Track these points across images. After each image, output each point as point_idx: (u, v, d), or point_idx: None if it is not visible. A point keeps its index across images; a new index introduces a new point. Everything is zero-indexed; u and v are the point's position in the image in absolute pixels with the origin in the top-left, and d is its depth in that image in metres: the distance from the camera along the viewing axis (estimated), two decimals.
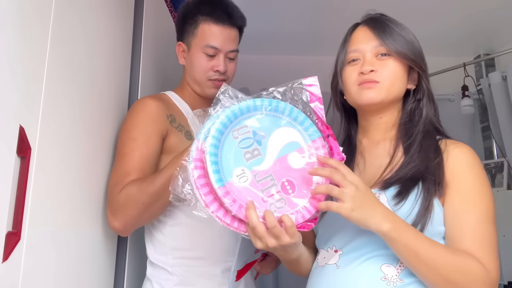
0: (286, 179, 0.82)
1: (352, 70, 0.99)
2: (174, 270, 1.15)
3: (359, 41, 1.01)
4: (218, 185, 0.75)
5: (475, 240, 0.86)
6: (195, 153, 0.78)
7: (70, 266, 0.95)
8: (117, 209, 1.07)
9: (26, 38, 0.75)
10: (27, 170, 0.74)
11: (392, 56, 0.97)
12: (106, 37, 1.17)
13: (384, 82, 0.96)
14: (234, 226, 0.78)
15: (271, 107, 0.83)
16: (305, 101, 0.85)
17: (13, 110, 0.71)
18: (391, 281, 0.85)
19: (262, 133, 0.83)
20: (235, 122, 0.81)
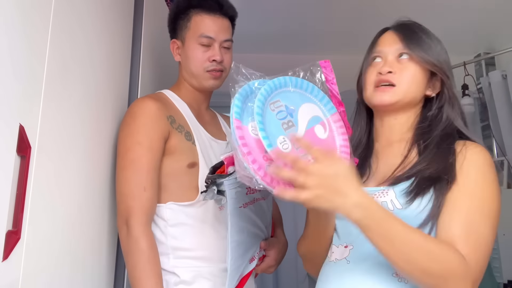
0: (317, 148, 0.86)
1: (372, 70, 1.01)
2: (174, 270, 1.15)
3: (384, 43, 1.03)
4: (270, 149, 0.80)
5: (461, 229, 0.83)
6: (237, 132, 0.82)
7: (70, 265, 0.95)
8: (123, 234, 1.11)
9: (26, 37, 0.75)
10: (27, 169, 0.74)
11: (413, 60, 0.98)
12: (106, 36, 1.17)
13: (400, 86, 0.97)
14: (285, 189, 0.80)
15: (297, 84, 0.92)
16: (322, 81, 0.94)
17: (13, 109, 0.71)
18: (402, 277, 0.84)
19: (292, 107, 0.90)
20: (271, 95, 0.88)
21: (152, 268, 1.08)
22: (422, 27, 1.05)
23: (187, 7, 1.30)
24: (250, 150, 0.81)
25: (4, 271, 0.68)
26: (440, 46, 1.02)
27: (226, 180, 0.97)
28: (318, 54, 3.05)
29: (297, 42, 3.02)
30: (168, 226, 1.17)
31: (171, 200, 1.18)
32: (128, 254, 1.09)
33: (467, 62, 2.80)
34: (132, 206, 1.10)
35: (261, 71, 2.98)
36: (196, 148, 1.23)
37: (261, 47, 3.09)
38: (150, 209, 1.14)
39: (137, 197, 1.11)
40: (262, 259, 1.23)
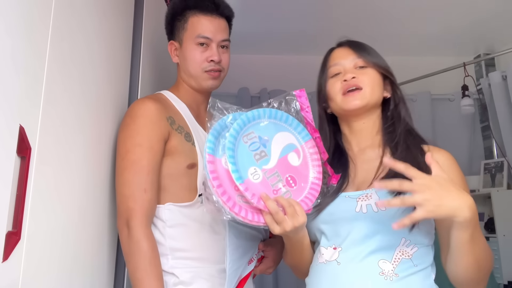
0: (289, 175, 0.97)
1: (335, 81, 1.08)
2: (173, 270, 1.15)
3: (339, 57, 1.11)
4: (239, 182, 0.88)
5: None
6: (209, 166, 0.89)
7: (70, 266, 0.95)
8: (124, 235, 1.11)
9: (26, 38, 0.75)
10: (27, 170, 0.74)
11: (368, 66, 1.08)
12: (106, 37, 1.17)
13: (366, 88, 1.05)
14: (255, 220, 0.90)
15: (271, 115, 0.99)
16: (297, 110, 1.02)
17: (13, 110, 0.71)
18: (388, 275, 0.92)
19: (266, 137, 0.97)
20: (244, 129, 0.94)
21: (153, 269, 1.07)
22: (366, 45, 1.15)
23: (184, 8, 1.30)
24: (221, 182, 0.88)
25: (4, 272, 0.68)
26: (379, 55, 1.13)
27: None
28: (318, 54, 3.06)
29: (296, 42, 3.02)
30: (166, 227, 1.17)
31: (170, 201, 1.18)
32: (129, 256, 1.09)
33: (467, 63, 2.80)
34: (133, 208, 1.10)
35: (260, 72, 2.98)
36: (195, 149, 1.23)
37: (261, 47, 3.09)
38: (150, 211, 1.14)
39: (137, 198, 1.11)
40: (260, 260, 1.23)
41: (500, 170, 2.76)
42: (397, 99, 1.11)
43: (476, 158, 3.08)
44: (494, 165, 2.83)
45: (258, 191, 0.90)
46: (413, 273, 0.94)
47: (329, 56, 1.14)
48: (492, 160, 2.90)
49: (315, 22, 2.69)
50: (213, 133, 0.92)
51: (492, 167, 2.83)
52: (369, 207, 0.96)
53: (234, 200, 0.88)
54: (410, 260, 0.94)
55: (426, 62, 3.08)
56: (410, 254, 0.95)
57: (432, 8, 2.54)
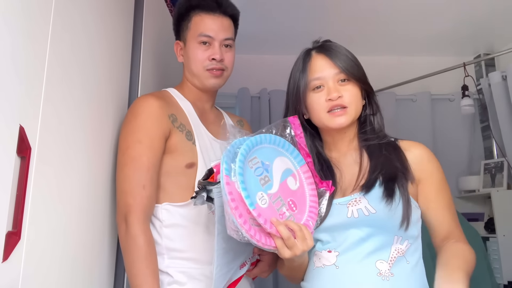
0: (290, 199, 1.00)
1: (318, 97, 1.08)
2: (168, 270, 1.15)
3: (320, 69, 1.09)
4: (252, 208, 0.90)
5: (451, 222, 1.06)
6: (227, 188, 0.91)
7: (70, 266, 0.95)
8: (122, 231, 1.12)
9: (26, 37, 0.75)
10: (27, 170, 0.74)
11: (350, 81, 1.08)
12: (106, 36, 1.17)
13: (351, 106, 1.07)
14: (268, 244, 0.92)
15: (270, 141, 1.02)
16: (292, 135, 1.07)
17: (13, 110, 0.71)
18: (385, 275, 0.96)
19: (267, 162, 1.00)
20: (249, 153, 0.97)
21: (149, 265, 1.08)
22: (340, 45, 1.14)
23: (188, 8, 1.32)
24: (237, 204, 0.90)
25: (4, 272, 0.68)
26: (357, 60, 1.12)
27: (215, 187, 0.98)
28: None
29: (297, 42, 3.02)
30: (163, 227, 1.18)
31: (167, 200, 1.19)
32: (126, 251, 1.10)
33: (467, 63, 2.80)
34: (131, 204, 1.11)
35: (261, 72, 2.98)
36: (196, 148, 1.23)
37: (262, 47, 3.09)
38: (149, 207, 1.14)
39: (136, 195, 1.12)
40: (255, 264, 1.23)
41: (500, 170, 2.76)
42: (374, 109, 1.14)
43: (476, 158, 3.08)
44: (494, 165, 2.83)
45: (267, 216, 0.92)
46: (407, 270, 0.98)
47: (308, 63, 1.12)
48: (492, 160, 2.90)
49: (315, 22, 2.69)
50: (227, 158, 0.94)
51: (492, 167, 2.83)
52: (360, 212, 0.99)
53: (249, 223, 0.91)
54: (403, 257, 0.99)
55: (426, 62, 3.08)
56: (404, 251, 0.99)
57: (432, 8, 2.54)
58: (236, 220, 0.89)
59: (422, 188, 1.06)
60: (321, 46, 1.15)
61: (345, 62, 1.09)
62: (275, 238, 0.91)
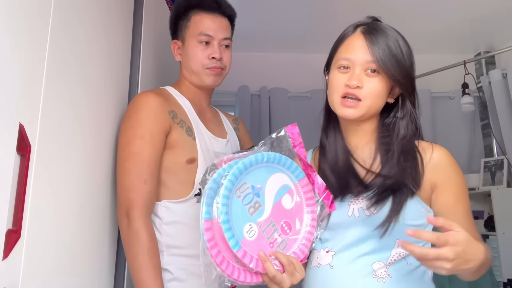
0: (284, 221, 0.95)
1: (340, 77, 1.00)
2: (167, 267, 1.16)
3: (353, 50, 1.00)
4: (236, 249, 0.85)
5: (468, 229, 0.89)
6: (206, 235, 0.85)
7: (70, 264, 0.95)
8: (124, 226, 1.12)
9: (26, 36, 0.75)
10: (27, 168, 0.74)
11: (380, 74, 0.98)
12: (106, 35, 1.17)
13: (366, 101, 0.97)
14: (254, 281, 0.89)
15: (262, 160, 0.93)
16: (289, 147, 0.98)
17: (13, 108, 0.71)
18: (381, 277, 0.92)
19: (259, 185, 0.93)
20: (236, 182, 0.89)
21: (151, 259, 1.08)
22: (392, 30, 1.03)
23: (187, 8, 1.33)
24: (219, 248, 0.86)
25: (4, 270, 0.68)
26: (407, 55, 1.01)
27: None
28: (317, 52, 3.05)
29: (296, 40, 3.02)
30: (163, 224, 1.18)
31: (167, 198, 1.19)
32: (129, 246, 1.10)
33: (467, 61, 2.80)
34: (133, 199, 1.11)
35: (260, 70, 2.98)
36: (196, 143, 1.24)
37: (261, 45, 3.08)
38: (150, 202, 1.15)
39: (137, 189, 1.12)
40: None
41: (500, 168, 2.76)
42: (403, 112, 1.02)
43: (476, 156, 3.08)
44: (494, 163, 2.83)
45: (255, 249, 0.88)
46: (407, 272, 0.93)
47: (345, 40, 1.03)
48: (492, 158, 2.90)
49: (315, 20, 2.69)
50: (208, 195, 0.87)
51: (492, 165, 2.83)
52: (360, 211, 0.95)
53: (233, 264, 0.87)
54: (404, 259, 0.94)
55: (426, 60, 3.07)
56: (406, 254, 0.93)
57: (432, 6, 2.54)
58: (219, 268, 0.85)
59: (438, 194, 0.96)
60: (367, 26, 1.02)
61: (383, 53, 0.97)
62: (262, 274, 0.89)
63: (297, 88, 3.09)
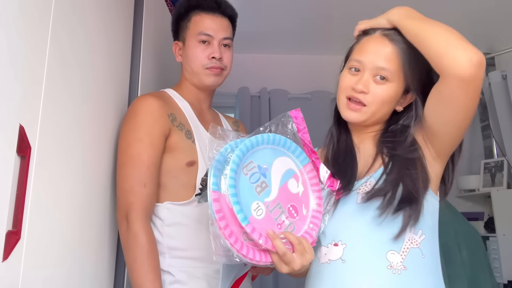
0: (291, 204, 0.92)
1: (348, 79, 0.99)
2: (169, 269, 1.15)
3: (366, 52, 0.98)
4: (245, 224, 0.83)
5: None
6: (215, 205, 0.83)
7: (70, 265, 0.95)
8: (123, 229, 1.12)
9: (26, 36, 0.75)
10: (27, 169, 0.74)
11: (392, 82, 0.95)
12: (106, 36, 1.17)
13: (370, 107, 0.96)
14: (263, 260, 0.85)
15: (268, 141, 0.92)
16: (294, 131, 0.96)
17: (13, 109, 0.71)
18: (396, 269, 0.88)
19: (265, 166, 0.92)
20: (243, 159, 0.88)
21: (151, 263, 1.08)
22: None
23: (187, 8, 1.33)
24: (227, 222, 0.83)
25: (4, 271, 0.68)
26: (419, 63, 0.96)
27: None
28: (318, 54, 3.06)
29: (297, 41, 3.02)
30: (164, 226, 1.18)
31: (168, 199, 1.19)
32: (128, 249, 1.10)
33: None
34: (132, 202, 1.11)
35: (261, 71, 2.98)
36: (195, 146, 1.23)
37: (261, 46, 3.08)
38: (149, 205, 1.15)
39: (137, 192, 1.12)
40: None
41: (500, 170, 2.76)
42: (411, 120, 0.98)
43: (476, 157, 3.07)
44: (494, 165, 2.82)
45: (263, 228, 0.85)
46: (421, 265, 0.90)
47: (362, 39, 1.01)
48: (492, 159, 2.90)
49: (315, 21, 2.69)
50: (216, 166, 0.86)
51: (492, 166, 2.83)
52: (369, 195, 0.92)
53: (241, 240, 0.84)
54: (419, 249, 0.91)
55: None
56: (419, 243, 0.91)
57: (431, 7, 2.54)
58: (227, 241, 0.82)
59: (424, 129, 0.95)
60: (387, 31, 0.99)
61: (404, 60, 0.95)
62: (271, 253, 0.85)
63: (297, 89, 3.09)
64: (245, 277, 1.15)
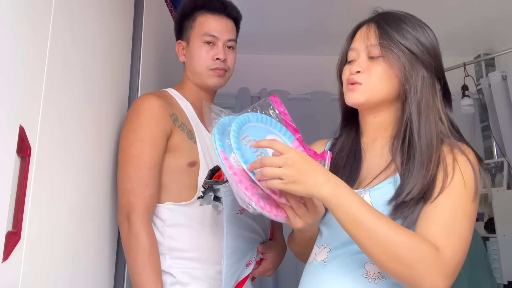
0: None
1: (346, 68, 1.01)
2: (170, 270, 1.15)
3: (360, 39, 1.00)
4: (246, 166, 0.83)
5: (442, 226, 0.82)
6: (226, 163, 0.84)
7: (70, 266, 0.95)
8: (124, 229, 1.12)
9: (27, 37, 0.75)
10: (27, 170, 0.74)
11: (385, 56, 0.95)
12: (106, 36, 1.17)
13: (367, 83, 0.95)
14: (279, 215, 0.85)
15: (257, 119, 0.96)
16: (276, 113, 1.00)
17: (13, 110, 0.71)
18: (372, 278, 0.87)
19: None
20: (241, 131, 0.91)
21: (152, 264, 1.08)
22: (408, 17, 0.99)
23: (193, 8, 1.33)
24: (240, 178, 0.84)
25: (4, 272, 0.68)
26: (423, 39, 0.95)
27: (223, 187, 0.97)
28: (317, 54, 3.06)
29: (296, 42, 3.02)
30: (165, 227, 1.18)
31: (170, 200, 1.19)
32: (129, 250, 1.10)
33: (467, 63, 2.80)
34: (134, 202, 1.11)
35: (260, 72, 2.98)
36: (197, 147, 1.23)
37: (261, 47, 3.08)
38: (151, 206, 1.14)
39: (138, 193, 1.12)
40: (259, 263, 1.23)
41: (500, 170, 2.76)
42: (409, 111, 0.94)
43: None
44: (494, 165, 2.83)
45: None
46: None
47: (355, 32, 1.03)
48: (492, 160, 2.90)
49: (315, 22, 2.69)
50: (218, 132, 0.89)
51: (492, 167, 2.83)
52: None
53: (257, 196, 0.85)
54: None
55: None
56: None
57: (432, 8, 2.54)
58: (244, 194, 0.83)
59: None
60: (378, 15, 1.01)
61: (390, 34, 0.95)
62: (286, 208, 0.85)
63: (297, 90, 3.09)
64: (247, 279, 1.15)
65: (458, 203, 0.84)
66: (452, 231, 0.81)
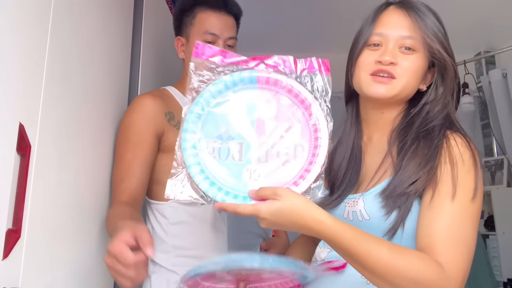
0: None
1: (369, 54, 0.90)
2: (174, 268, 1.15)
3: (388, 24, 0.91)
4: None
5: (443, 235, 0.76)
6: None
7: (70, 264, 0.95)
8: None
9: (26, 35, 0.75)
10: (27, 168, 0.74)
11: (418, 52, 0.89)
12: (106, 35, 1.17)
13: (400, 79, 0.88)
14: None
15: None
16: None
17: (13, 108, 0.71)
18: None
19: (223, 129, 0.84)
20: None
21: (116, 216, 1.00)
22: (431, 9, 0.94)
23: (193, 4, 1.31)
24: None
25: (4, 270, 0.68)
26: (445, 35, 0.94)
27: None
28: (318, 53, 3.05)
29: (296, 41, 3.02)
30: (169, 225, 1.18)
31: None
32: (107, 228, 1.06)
33: (467, 60, 2.80)
34: (113, 199, 1.11)
35: None
36: None
37: (261, 45, 3.08)
38: (128, 198, 1.09)
39: (115, 189, 1.12)
40: None
41: (500, 168, 2.76)
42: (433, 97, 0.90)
43: None
44: (494, 163, 2.83)
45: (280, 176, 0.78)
46: None
47: (379, 15, 0.92)
48: (492, 157, 2.90)
49: (315, 22, 2.69)
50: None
51: (492, 164, 2.84)
52: (354, 215, 0.87)
53: None
54: None
55: None
56: None
57: (432, 6, 2.54)
58: None
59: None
60: (401, 2, 0.93)
61: (425, 27, 0.88)
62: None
63: None
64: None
65: (458, 206, 0.78)
66: (455, 243, 0.76)
